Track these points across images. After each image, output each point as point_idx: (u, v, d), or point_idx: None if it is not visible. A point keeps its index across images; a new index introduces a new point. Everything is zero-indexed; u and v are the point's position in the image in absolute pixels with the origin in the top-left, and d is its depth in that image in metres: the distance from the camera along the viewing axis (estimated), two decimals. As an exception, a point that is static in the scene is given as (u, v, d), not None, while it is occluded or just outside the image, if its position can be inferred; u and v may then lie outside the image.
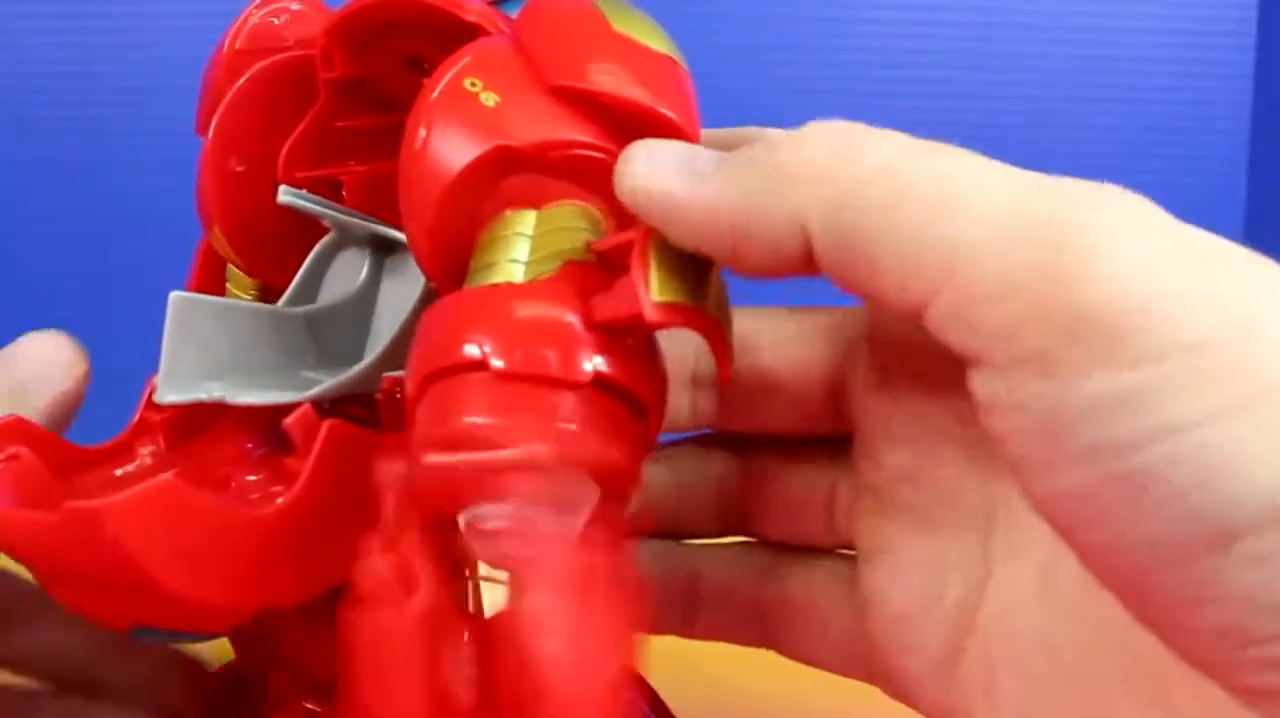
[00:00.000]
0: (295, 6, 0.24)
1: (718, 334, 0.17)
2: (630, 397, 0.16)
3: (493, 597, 0.17)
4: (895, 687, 0.19)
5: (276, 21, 0.24)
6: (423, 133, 0.18)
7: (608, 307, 0.16)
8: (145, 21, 0.72)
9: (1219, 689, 0.14)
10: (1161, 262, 0.13)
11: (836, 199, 0.15)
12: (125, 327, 0.74)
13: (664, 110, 0.18)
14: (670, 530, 0.22)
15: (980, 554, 0.18)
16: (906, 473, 0.19)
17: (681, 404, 0.22)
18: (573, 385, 0.16)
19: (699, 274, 0.17)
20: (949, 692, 0.18)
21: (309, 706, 0.26)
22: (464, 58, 0.19)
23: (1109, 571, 0.14)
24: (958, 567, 0.18)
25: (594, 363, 0.16)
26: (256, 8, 0.24)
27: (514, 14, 0.21)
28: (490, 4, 0.21)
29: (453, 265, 0.18)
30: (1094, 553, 0.14)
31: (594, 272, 0.17)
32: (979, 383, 0.14)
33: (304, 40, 0.23)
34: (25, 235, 0.74)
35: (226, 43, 0.25)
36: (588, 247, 0.17)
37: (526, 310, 0.16)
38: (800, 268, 0.16)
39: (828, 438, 0.21)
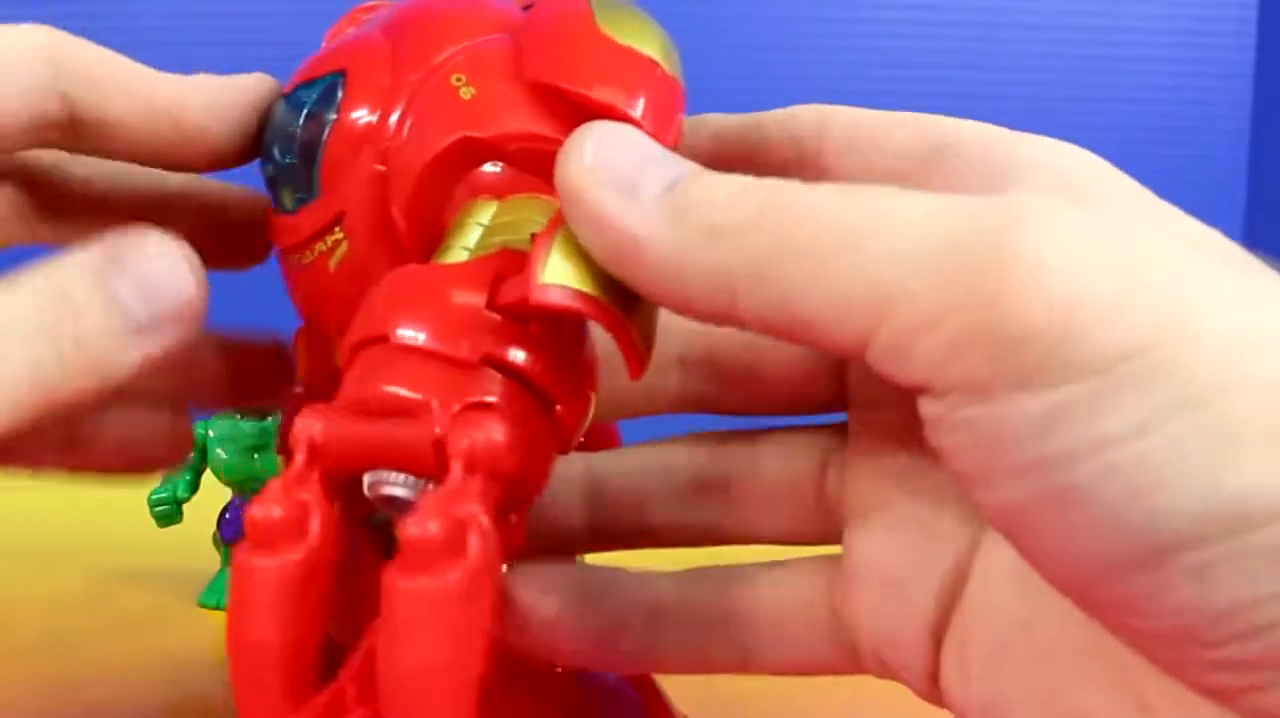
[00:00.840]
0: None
1: (618, 325, 0.16)
2: (530, 384, 0.17)
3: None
4: (883, 664, 0.19)
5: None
6: (407, 124, 0.19)
7: (509, 290, 0.17)
8: (145, 21, 0.72)
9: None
10: (1085, 270, 0.13)
11: (763, 256, 0.15)
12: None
13: (629, 112, 0.18)
14: (636, 532, 0.22)
15: (970, 523, 0.18)
16: (901, 433, 0.19)
17: (669, 385, 0.22)
18: (462, 364, 0.16)
19: None
20: (935, 664, 0.18)
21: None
22: (458, 56, 0.20)
23: (1055, 578, 0.14)
24: (949, 535, 0.18)
25: (485, 344, 0.16)
26: (347, 19, 0.25)
27: None
28: (524, 7, 0.22)
29: (428, 248, 0.19)
30: (1038, 561, 0.14)
31: (525, 260, 0.17)
32: (922, 405, 0.14)
33: None
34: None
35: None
36: (532, 238, 0.17)
37: (438, 289, 0.17)
38: (722, 320, 0.16)
39: (822, 411, 0.21)
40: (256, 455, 0.40)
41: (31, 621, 0.39)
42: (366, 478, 0.17)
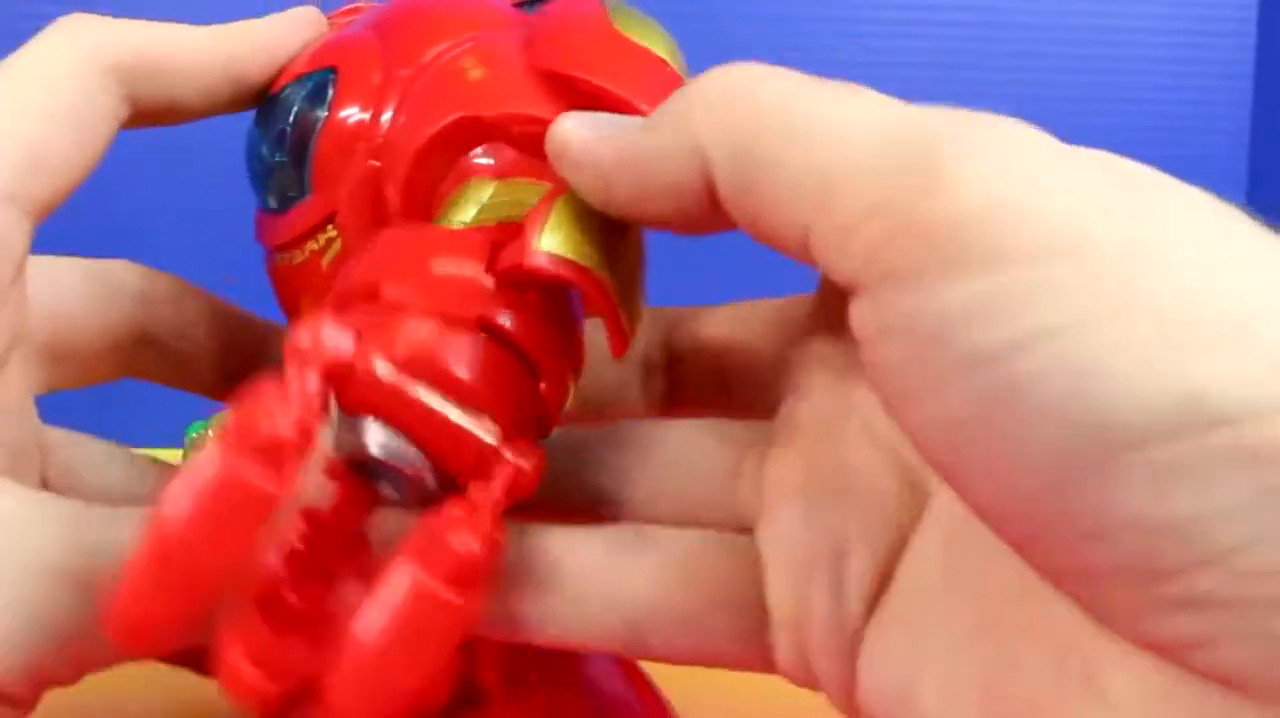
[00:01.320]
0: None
1: (607, 301, 0.17)
2: (519, 350, 0.17)
3: None
4: (798, 649, 0.18)
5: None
6: (402, 117, 0.20)
7: (507, 256, 0.17)
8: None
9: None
10: (1036, 167, 0.13)
11: (733, 131, 0.15)
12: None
13: (639, 104, 0.18)
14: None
15: (906, 506, 0.17)
16: (827, 431, 0.18)
17: (633, 385, 0.22)
18: (455, 323, 0.16)
19: (606, 240, 0.17)
20: (855, 647, 0.17)
21: None
22: (469, 42, 0.20)
23: (996, 511, 0.13)
24: (882, 518, 0.17)
25: (479, 307, 0.17)
26: (339, 15, 0.25)
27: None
28: (515, 5, 0.22)
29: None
30: (978, 490, 0.13)
31: (519, 232, 0.17)
32: (854, 314, 0.14)
33: None
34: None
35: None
36: (526, 216, 0.18)
37: (436, 252, 0.17)
38: (703, 212, 0.16)
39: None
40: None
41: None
42: (376, 433, 0.16)
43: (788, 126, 0.14)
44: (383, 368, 0.16)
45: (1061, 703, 0.14)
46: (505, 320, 0.17)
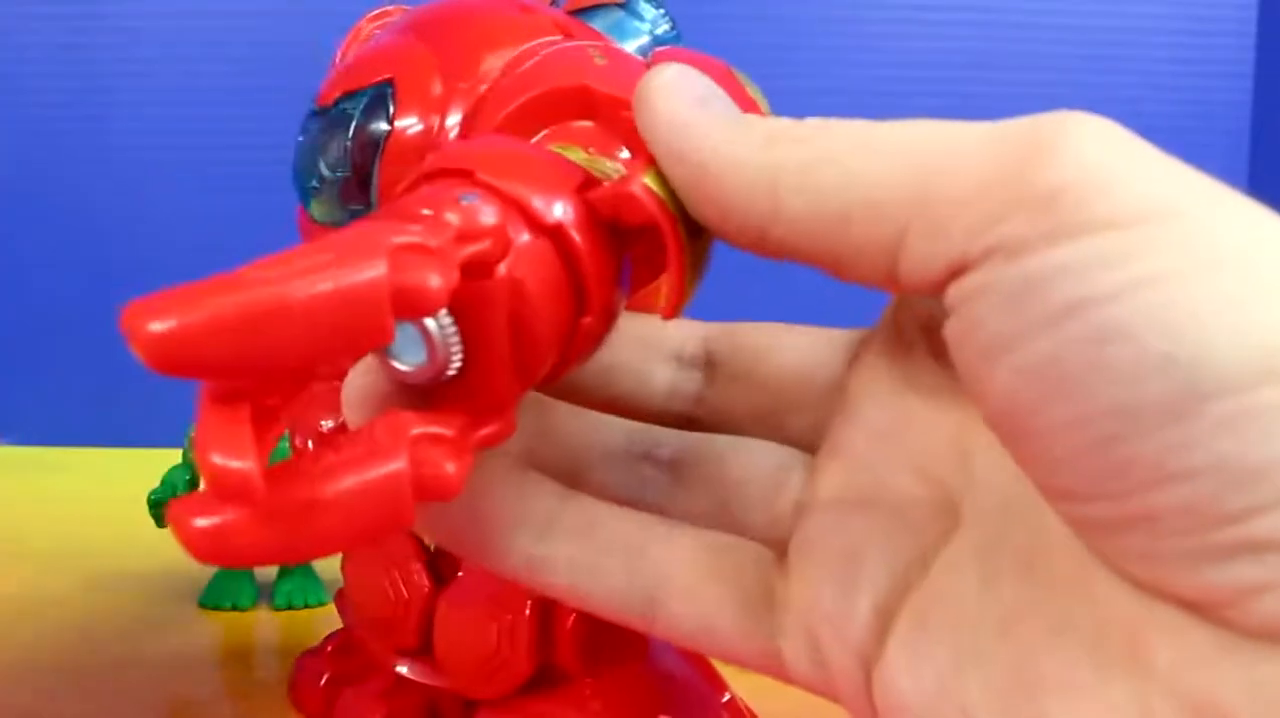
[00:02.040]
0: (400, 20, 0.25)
1: (678, 253, 0.17)
2: (577, 272, 0.17)
3: None
4: (814, 646, 0.18)
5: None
6: (533, 60, 0.21)
7: (602, 188, 0.17)
8: (146, 21, 0.72)
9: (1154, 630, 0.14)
10: (1132, 147, 0.14)
11: (809, 160, 0.16)
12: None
13: None
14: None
15: (918, 535, 0.18)
16: (869, 455, 0.19)
17: (661, 378, 0.21)
18: (532, 223, 0.17)
19: (685, 215, 0.17)
20: (877, 645, 0.17)
21: (400, 670, 0.29)
22: (601, 41, 0.22)
23: (1065, 457, 0.14)
24: (914, 526, 0.18)
25: (559, 215, 0.17)
26: (369, 20, 0.25)
27: (594, 25, 0.24)
28: (569, 14, 0.23)
29: None
30: (1054, 435, 0.14)
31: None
32: (951, 294, 0.14)
33: None
34: (25, 235, 0.74)
35: (339, 54, 0.25)
36: (627, 162, 0.19)
37: (535, 158, 0.18)
38: (753, 230, 0.16)
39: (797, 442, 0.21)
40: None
41: (32, 621, 0.39)
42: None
43: (863, 144, 0.15)
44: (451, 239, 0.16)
45: (1100, 676, 0.14)
46: (577, 236, 0.17)
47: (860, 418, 0.19)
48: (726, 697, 0.28)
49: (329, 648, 0.32)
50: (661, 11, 0.26)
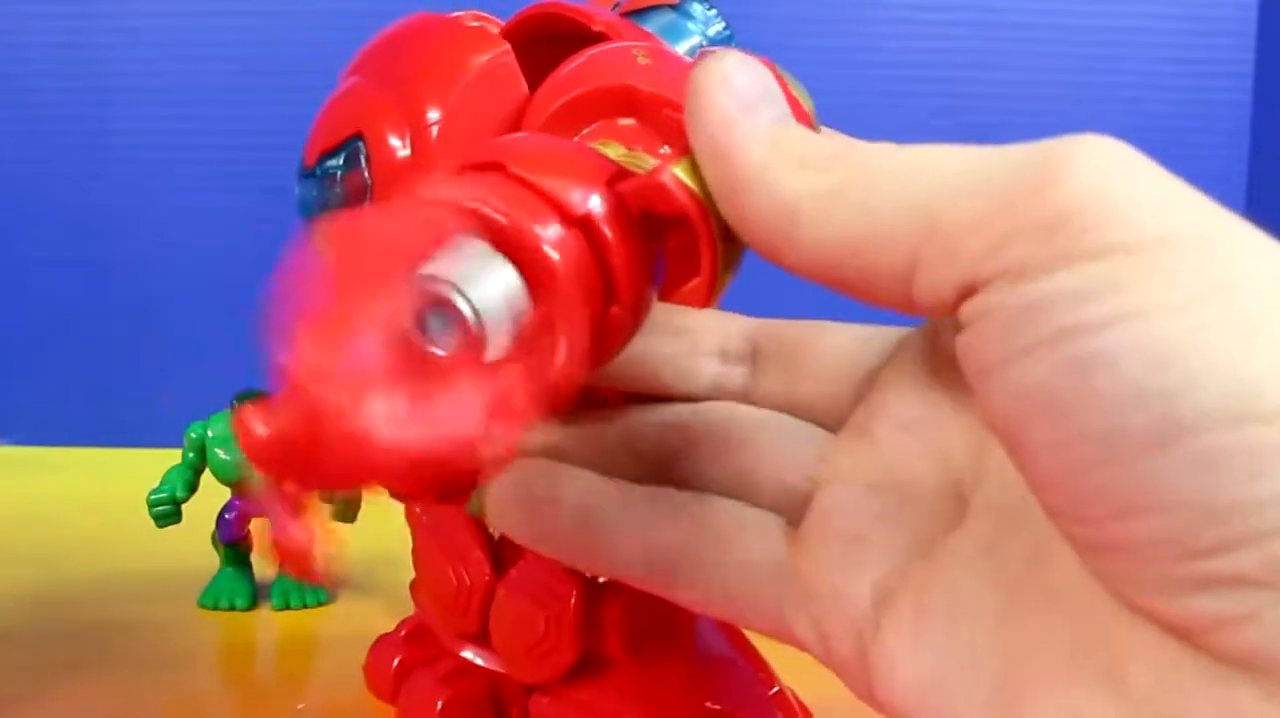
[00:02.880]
0: (473, 24, 0.27)
1: (710, 244, 0.17)
2: (605, 263, 0.17)
3: None
4: (818, 625, 0.19)
5: None
6: (578, 60, 0.22)
7: (632, 179, 0.18)
8: (146, 21, 0.72)
9: (1155, 647, 0.14)
10: (1137, 172, 0.14)
11: (828, 190, 0.16)
12: (126, 325, 0.74)
13: None
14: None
15: (925, 521, 0.18)
16: (889, 442, 0.19)
17: (705, 373, 0.22)
18: (562, 214, 0.17)
19: (717, 209, 0.18)
20: (874, 628, 0.18)
21: (463, 654, 0.31)
22: (647, 40, 0.23)
23: (1052, 480, 0.14)
24: (925, 510, 0.18)
25: (587, 206, 0.17)
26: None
27: (645, 26, 0.25)
28: (623, 15, 0.24)
29: None
30: (1039, 455, 0.14)
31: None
32: (962, 312, 0.15)
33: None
34: (25, 235, 0.74)
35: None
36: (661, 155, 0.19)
37: (566, 151, 0.18)
38: (772, 251, 0.17)
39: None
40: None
41: (31, 621, 0.39)
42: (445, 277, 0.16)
43: (880, 172, 0.16)
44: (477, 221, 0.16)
45: (1078, 687, 0.15)
46: (606, 229, 0.17)
47: (885, 407, 0.20)
48: (775, 689, 0.29)
49: (402, 633, 0.33)
50: (714, 12, 0.26)
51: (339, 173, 0.23)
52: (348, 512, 0.41)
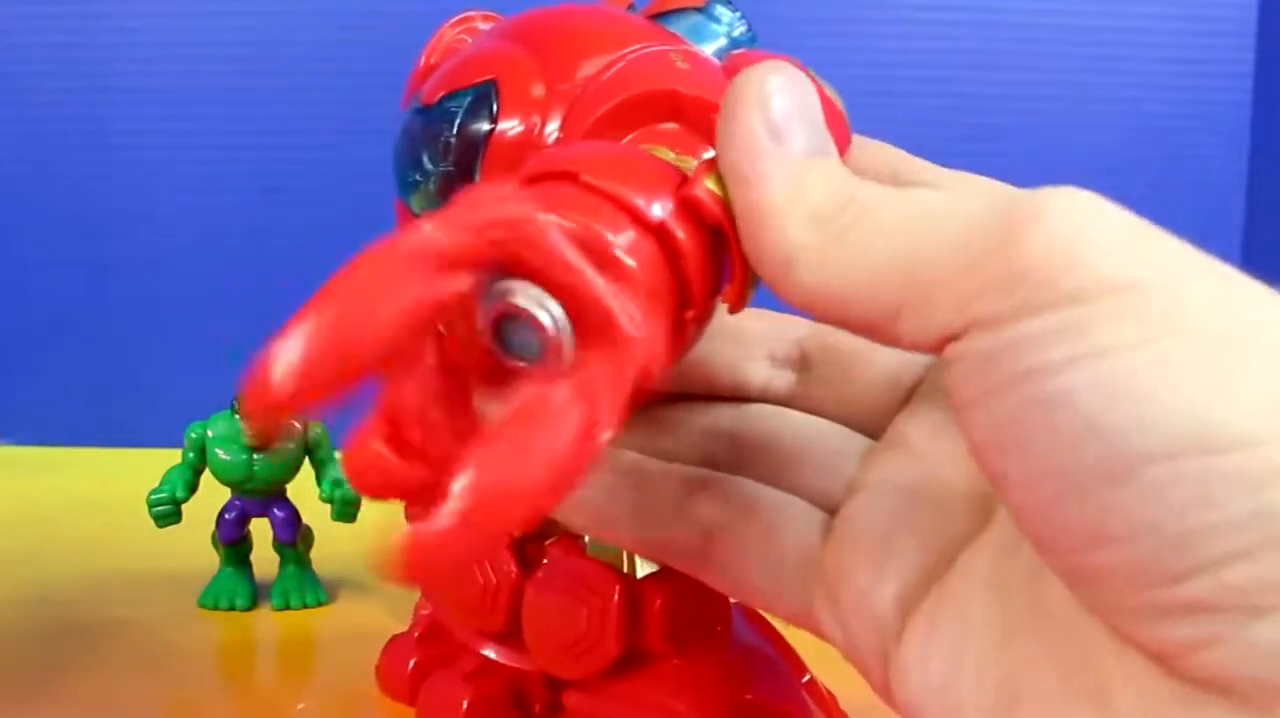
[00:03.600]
0: (482, 25, 0.27)
1: (740, 254, 0.18)
2: (680, 269, 0.18)
3: None
4: (845, 626, 0.19)
5: (468, 40, 0.27)
6: (619, 65, 0.22)
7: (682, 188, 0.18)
8: (145, 21, 0.72)
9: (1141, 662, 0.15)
10: (1102, 222, 0.14)
11: (827, 244, 0.16)
12: (127, 325, 0.74)
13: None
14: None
15: (950, 528, 0.19)
16: (923, 449, 0.20)
17: (757, 376, 0.23)
18: (637, 221, 0.17)
19: None
20: (898, 633, 0.19)
21: (486, 653, 0.31)
22: (680, 45, 0.23)
23: (1025, 510, 0.15)
24: (949, 524, 0.19)
25: (662, 215, 0.17)
26: (450, 26, 0.27)
27: (673, 28, 0.25)
28: (649, 19, 0.24)
29: None
30: (1013, 490, 0.15)
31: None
32: (947, 353, 0.15)
33: None
34: (24, 235, 0.74)
35: (423, 58, 0.27)
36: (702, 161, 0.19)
37: (638, 161, 0.19)
38: (777, 289, 0.17)
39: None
40: (255, 456, 0.40)
41: (30, 621, 0.39)
42: (529, 287, 0.17)
43: (872, 232, 0.16)
44: (554, 234, 0.17)
45: (1069, 707, 0.15)
46: (680, 235, 0.17)
47: (921, 414, 0.21)
48: (806, 677, 0.29)
49: (416, 633, 0.33)
50: (738, 14, 0.27)
51: (458, 116, 0.22)
52: (348, 512, 0.41)
